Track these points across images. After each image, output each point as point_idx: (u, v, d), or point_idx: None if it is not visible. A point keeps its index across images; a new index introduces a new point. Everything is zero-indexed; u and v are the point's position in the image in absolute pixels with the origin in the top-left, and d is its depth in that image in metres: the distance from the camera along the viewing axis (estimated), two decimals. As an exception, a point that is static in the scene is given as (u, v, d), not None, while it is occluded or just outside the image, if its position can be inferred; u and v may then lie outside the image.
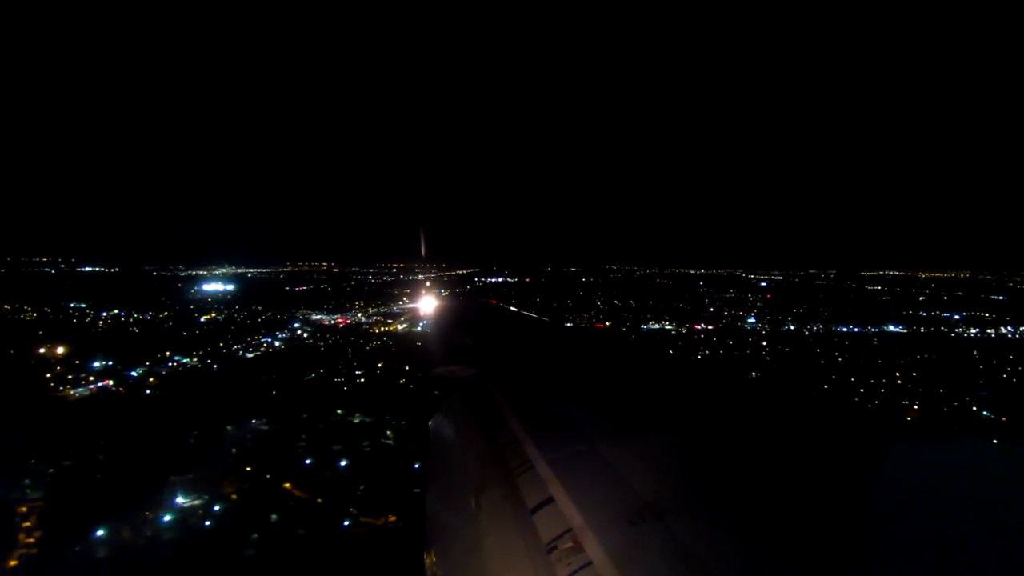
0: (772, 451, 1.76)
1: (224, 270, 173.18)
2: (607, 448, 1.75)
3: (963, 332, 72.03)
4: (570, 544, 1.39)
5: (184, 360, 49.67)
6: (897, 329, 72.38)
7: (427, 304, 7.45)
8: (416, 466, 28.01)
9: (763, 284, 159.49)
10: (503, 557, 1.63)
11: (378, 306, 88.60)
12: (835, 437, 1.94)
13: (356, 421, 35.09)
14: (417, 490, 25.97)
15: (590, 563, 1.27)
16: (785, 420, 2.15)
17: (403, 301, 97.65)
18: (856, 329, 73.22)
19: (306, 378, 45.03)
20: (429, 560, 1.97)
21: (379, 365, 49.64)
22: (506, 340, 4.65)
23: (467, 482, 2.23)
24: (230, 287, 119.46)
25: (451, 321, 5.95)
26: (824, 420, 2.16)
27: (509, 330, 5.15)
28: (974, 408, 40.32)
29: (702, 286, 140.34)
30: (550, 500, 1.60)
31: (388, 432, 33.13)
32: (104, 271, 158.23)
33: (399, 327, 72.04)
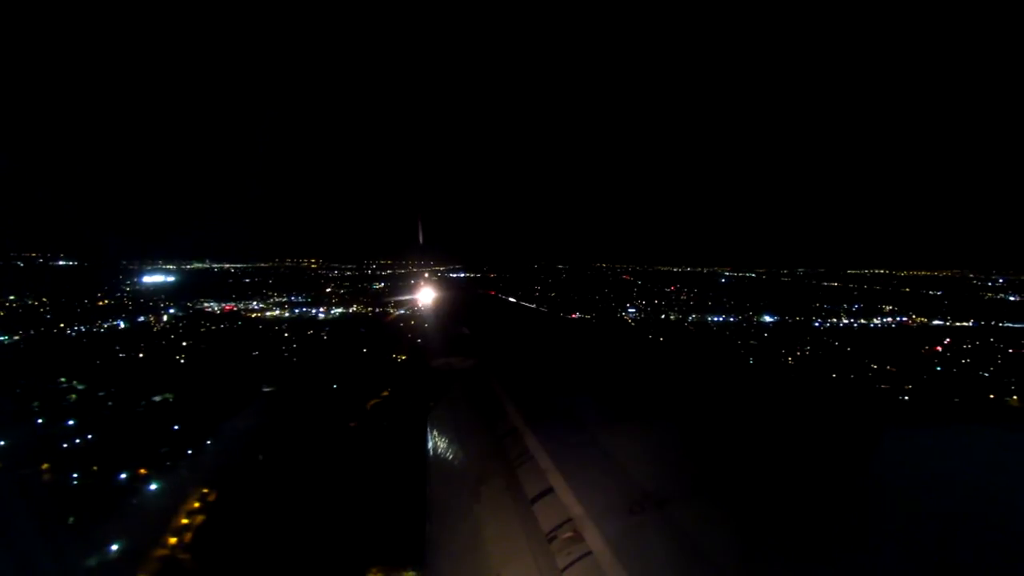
0: (771, 440, 1.73)
1: (199, 265, 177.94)
2: (606, 438, 1.74)
3: (834, 323, 70.37)
4: (570, 534, 1.39)
5: (1, 338, 50.78)
6: (769, 319, 70.38)
7: (426, 295, 7.38)
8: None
9: (722, 281, 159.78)
10: (503, 547, 1.63)
11: (288, 295, 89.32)
12: (834, 426, 1.92)
13: (80, 387, 35.27)
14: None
15: (590, 552, 1.26)
16: (784, 409, 2.12)
17: (322, 290, 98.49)
18: (727, 319, 71.64)
19: (99, 354, 45.37)
20: (430, 551, 1.97)
21: (188, 343, 49.78)
22: (505, 331, 4.70)
23: (467, 473, 2.23)
24: (171, 279, 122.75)
25: (449, 312, 5.92)
26: (823, 409, 2.13)
27: (508, 321, 5.19)
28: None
29: (655, 281, 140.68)
30: (550, 490, 1.60)
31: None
32: (71, 264, 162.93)
33: (275, 312, 72.46)
